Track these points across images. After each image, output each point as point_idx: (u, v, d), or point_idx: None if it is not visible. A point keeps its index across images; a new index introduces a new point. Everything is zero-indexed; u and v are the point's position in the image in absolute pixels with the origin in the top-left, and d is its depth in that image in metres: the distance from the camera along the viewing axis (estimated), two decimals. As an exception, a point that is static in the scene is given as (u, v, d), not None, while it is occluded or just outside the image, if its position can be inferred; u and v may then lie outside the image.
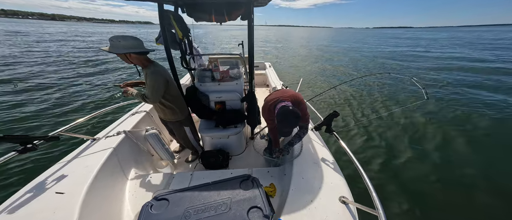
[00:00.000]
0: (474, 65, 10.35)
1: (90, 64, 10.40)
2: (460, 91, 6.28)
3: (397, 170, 2.99)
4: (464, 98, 5.68)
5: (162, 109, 1.83)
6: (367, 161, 3.18)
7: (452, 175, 2.90)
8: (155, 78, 1.55)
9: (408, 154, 3.32)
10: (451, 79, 7.85)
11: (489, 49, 17.90)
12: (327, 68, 10.46)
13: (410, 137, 3.80)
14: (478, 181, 2.78)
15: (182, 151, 2.50)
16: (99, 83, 7.46)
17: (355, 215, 1.11)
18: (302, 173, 1.40)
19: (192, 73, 2.42)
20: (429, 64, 11.24)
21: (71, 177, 1.34)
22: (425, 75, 8.61)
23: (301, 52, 17.17)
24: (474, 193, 2.60)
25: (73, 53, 13.40)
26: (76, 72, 8.69)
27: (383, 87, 6.68)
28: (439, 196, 2.57)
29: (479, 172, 2.93)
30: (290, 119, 1.36)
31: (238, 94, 2.22)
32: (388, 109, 5.11)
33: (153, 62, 1.61)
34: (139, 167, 1.88)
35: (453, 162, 3.14)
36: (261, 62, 5.39)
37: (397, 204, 2.42)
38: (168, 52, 1.84)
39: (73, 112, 4.90)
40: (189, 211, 1.04)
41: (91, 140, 1.80)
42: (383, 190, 2.63)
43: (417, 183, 2.75)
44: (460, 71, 9.23)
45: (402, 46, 22.03)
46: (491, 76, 8.19)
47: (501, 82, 7.23)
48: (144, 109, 2.46)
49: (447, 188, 2.68)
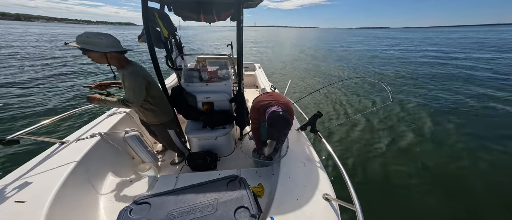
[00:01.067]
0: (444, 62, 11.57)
1: (57, 63, 9.71)
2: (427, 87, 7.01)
3: (373, 167, 3.19)
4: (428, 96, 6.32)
5: (142, 112, 1.70)
6: (347, 158, 3.37)
7: (416, 168, 3.18)
8: (135, 79, 1.42)
9: (384, 151, 3.57)
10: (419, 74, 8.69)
11: (454, 47, 20.04)
12: (313, 70, 10.76)
13: (385, 135, 4.07)
14: (446, 172, 3.08)
15: (167, 152, 2.40)
16: (67, 85, 6.88)
17: (337, 211, 1.16)
18: (289, 173, 1.42)
19: (179, 73, 2.35)
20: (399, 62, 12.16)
21: (35, 185, 1.22)
22: (394, 75, 9.28)
23: (290, 53, 17.56)
24: (442, 186, 2.84)
25: (40, 53, 12.48)
26: (43, 72, 8.04)
27: (359, 89, 7.11)
28: (411, 189, 2.79)
29: (446, 163, 3.27)
30: (280, 124, 1.41)
31: (226, 95, 2.19)
32: (364, 109, 5.46)
33: (131, 62, 1.50)
34: (117, 172, 1.76)
35: (420, 157, 3.42)
36: (251, 63, 5.39)
37: (374, 199, 2.59)
38: (152, 50, 1.74)
39: (37, 115, 4.49)
40: (173, 213, 0.99)
41: (59, 144, 1.64)
42: (362, 186, 2.81)
43: (392, 178, 2.98)
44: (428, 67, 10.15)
45: (382, 46, 23.64)
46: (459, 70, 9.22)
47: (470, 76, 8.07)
48: (123, 110, 2.31)
49: (415, 180, 2.93)
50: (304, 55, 16.64)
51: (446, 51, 17.49)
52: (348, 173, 1.26)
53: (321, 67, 11.62)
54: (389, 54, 16.69)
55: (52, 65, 9.52)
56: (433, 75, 8.97)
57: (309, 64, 12.55)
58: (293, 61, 13.76)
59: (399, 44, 25.61)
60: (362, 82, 7.50)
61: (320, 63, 12.72)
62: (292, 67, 11.45)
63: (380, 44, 25.96)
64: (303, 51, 19.34)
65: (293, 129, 2.04)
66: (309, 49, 20.61)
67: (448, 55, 15.13)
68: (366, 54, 16.81)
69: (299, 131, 2.01)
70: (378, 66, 11.77)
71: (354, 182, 2.75)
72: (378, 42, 30.75)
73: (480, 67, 10.48)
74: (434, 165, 3.22)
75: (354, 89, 7.09)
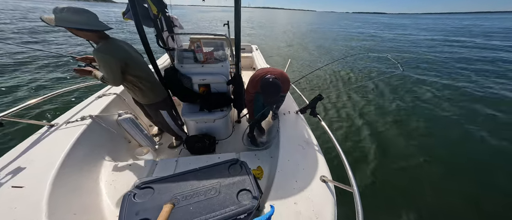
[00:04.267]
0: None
1: (37, 40, 8.90)
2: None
3: (374, 149, 3.27)
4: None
5: (132, 90, 1.63)
6: (346, 140, 3.45)
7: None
8: (102, 57, 1.32)
9: (386, 133, 3.65)
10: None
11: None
12: (313, 51, 10.55)
13: (387, 115, 4.14)
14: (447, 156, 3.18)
15: (163, 135, 2.38)
16: (49, 63, 6.19)
17: (333, 192, 1.21)
18: (288, 156, 1.45)
19: (171, 54, 2.21)
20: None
21: (30, 169, 1.18)
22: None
23: (287, 37, 16.91)
24: (441, 167, 2.95)
25: (15, 28, 11.30)
26: (19, 51, 7.30)
27: (363, 66, 7.19)
28: (410, 171, 2.89)
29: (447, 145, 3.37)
30: (271, 89, 1.54)
31: (224, 76, 2.11)
32: (366, 87, 5.49)
33: (107, 39, 1.38)
34: (115, 156, 1.74)
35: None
36: (248, 45, 5.19)
37: (372, 181, 2.69)
38: (139, 28, 1.57)
39: (17, 97, 4.18)
40: (177, 197, 1.00)
41: (47, 127, 1.56)
42: (360, 168, 2.89)
43: (393, 162, 3.06)
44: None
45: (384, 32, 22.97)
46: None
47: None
48: (113, 91, 2.19)
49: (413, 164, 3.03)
50: (302, 37, 16.08)
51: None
52: (347, 155, 1.30)
53: (319, 47, 11.39)
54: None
55: (31, 42, 8.73)
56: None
57: (308, 45, 12.23)
58: (290, 42, 13.34)
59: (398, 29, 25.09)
60: (366, 57, 7.50)
61: (321, 44, 12.43)
62: (291, 49, 11.16)
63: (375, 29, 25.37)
64: (301, 34, 18.60)
65: (292, 112, 2.05)
66: (306, 34, 19.83)
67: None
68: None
69: (298, 114, 2.02)
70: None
71: (353, 164, 2.85)
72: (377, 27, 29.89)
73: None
74: (436, 148, 3.26)
75: (358, 65, 7.11)
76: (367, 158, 3.08)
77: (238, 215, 0.95)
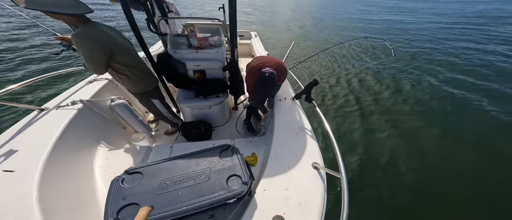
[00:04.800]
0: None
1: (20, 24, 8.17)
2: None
3: (366, 137, 3.25)
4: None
5: (121, 79, 1.55)
6: (340, 128, 3.43)
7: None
8: (82, 43, 1.20)
9: (380, 119, 3.62)
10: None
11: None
12: (316, 35, 10.21)
13: (382, 105, 4.07)
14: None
15: (159, 122, 2.36)
16: (36, 45, 5.79)
17: (324, 179, 1.21)
18: (281, 142, 1.44)
19: (164, 39, 2.13)
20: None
21: (21, 153, 1.19)
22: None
23: (291, 23, 16.21)
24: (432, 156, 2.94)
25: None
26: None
27: (361, 52, 7.01)
28: (401, 160, 2.87)
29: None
30: (267, 84, 1.56)
31: (219, 62, 2.04)
32: (363, 71, 5.42)
33: (88, 23, 1.26)
34: (110, 141, 1.74)
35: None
36: (247, 31, 5.02)
37: (363, 168, 2.69)
38: (127, 12, 1.45)
39: (3, 79, 4.02)
40: (166, 182, 1.00)
41: (38, 111, 1.55)
42: (351, 155, 2.88)
43: (381, 150, 3.04)
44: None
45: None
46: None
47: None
48: (105, 76, 2.12)
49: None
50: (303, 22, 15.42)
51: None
52: (339, 142, 1.30)
53: (321, 33, 10.99)
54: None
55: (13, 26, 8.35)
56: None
57: (309, 31, 11.81)
58: (293, 26, 12.87)
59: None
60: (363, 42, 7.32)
61: (320, 29, 11.99)
62: (292, 34, 10.80)
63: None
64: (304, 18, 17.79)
65: (288, 98, 2.00)
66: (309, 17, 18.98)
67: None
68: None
69: (293, 100, 1.97)
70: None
71: (345, 152, 2.82)
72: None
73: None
74: (426, 140, 3.20)
75: (355, 51, 6.95)
76: (361, 145, 3.07)
77: (227, 200, 0.95)
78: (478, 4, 24.77)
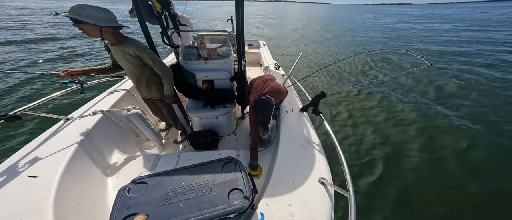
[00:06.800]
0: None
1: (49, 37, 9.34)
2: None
3: (376, 152, 2.99)
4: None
5: (148, 87, 1.73)
6: (346, 140, 3.21)
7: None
8: (144, 50, 1.47)
9: (392, 138, 3.35)
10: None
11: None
12: (324, 48, 10.11)
13: (393, 122, 3.79)
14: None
15: (170, 131, 2.45)
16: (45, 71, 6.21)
17: (331, 195, 1.15)
18: (287, 156, 1.41)
19: (176, 51, 2.24)
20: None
21: (45, 160, 1.29)
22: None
23: (298, 34, 16.19)
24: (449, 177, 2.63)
25: (28, 27, 11.67)
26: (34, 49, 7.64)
27: (376, 64, 6.82)
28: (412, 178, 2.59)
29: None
30: (263, 107, 1.47)
31: (227, 73, 2.09)
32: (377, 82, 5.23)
33: (125, 37, 1.47)
34: (123, 149, 1.83)
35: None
36: (255, 40, 5.13)
37: (372, 186, 2.43)
38: (143, 26, 1.59)
39: (34, 92, 4.45)
40: (169, 193, 1.02)
41: (64, 120, 1.69)
42: (360, 172, 2.59)
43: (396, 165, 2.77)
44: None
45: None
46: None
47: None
48: (123, 87, 2.31)
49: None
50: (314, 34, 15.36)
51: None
52: (347, 157, 1.23)
53: (332, 43, 10.89)
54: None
55: (44, 42, 9.11)
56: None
57: (320, 41, 11.75)
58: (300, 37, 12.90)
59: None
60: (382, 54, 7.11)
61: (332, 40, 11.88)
62: (302, 44, 10.80)
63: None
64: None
65: (295, 110, 1.98)
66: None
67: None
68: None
69: (301, 112, 1.94)
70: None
71: (354, 167, 2.59)
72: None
73: None
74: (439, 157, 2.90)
75: (369, 63, 6.79)
76: (375, 162, 2.77)
77: (227, 215, 0.94)
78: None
